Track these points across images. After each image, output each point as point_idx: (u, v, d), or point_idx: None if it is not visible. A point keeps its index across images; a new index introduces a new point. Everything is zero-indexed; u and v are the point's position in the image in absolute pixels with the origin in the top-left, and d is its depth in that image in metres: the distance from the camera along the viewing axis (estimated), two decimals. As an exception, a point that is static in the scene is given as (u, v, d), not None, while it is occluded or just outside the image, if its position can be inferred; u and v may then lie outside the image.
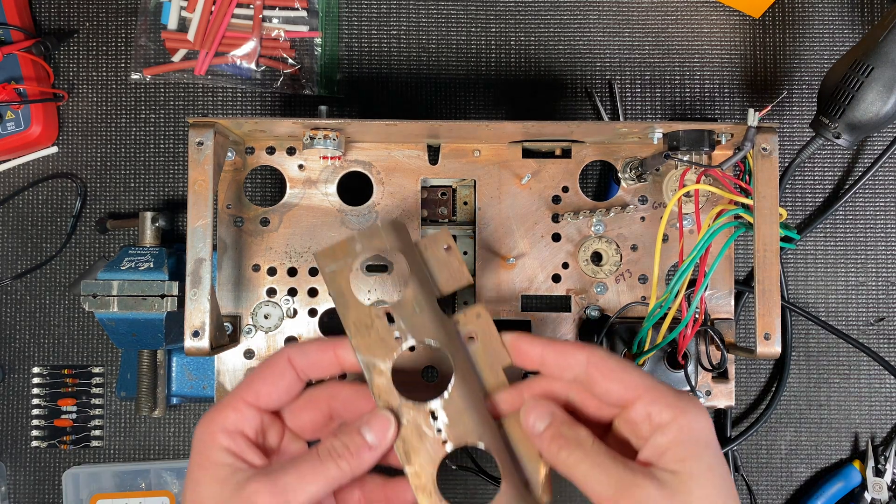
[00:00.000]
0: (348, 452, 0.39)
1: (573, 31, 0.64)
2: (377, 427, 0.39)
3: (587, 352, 0.39)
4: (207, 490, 0.38)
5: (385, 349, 0.40)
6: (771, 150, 0.49)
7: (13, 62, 0.61)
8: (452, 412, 0.40)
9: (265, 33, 0.63)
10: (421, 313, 0.41)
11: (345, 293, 0.41)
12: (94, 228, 0.64)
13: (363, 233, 0.42)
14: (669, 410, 0.37)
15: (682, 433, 0.36)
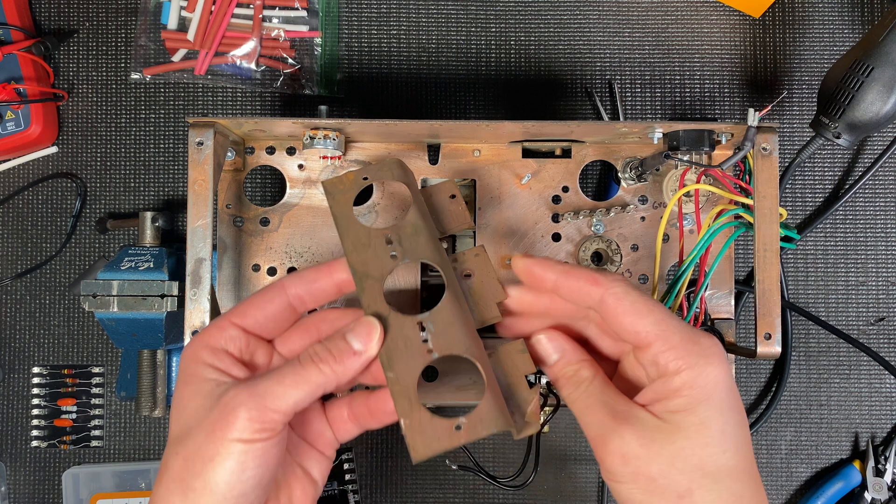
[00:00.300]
0: (331, 356, 0.38)
1: (573, 31, 0.64)
2: (362, 332, 0.39)
3: (603, 288, 0.37)
4: (190, 404, 0.37)
5: (380, 265, 0.41)
6: (771, 149, 0.49)
7: (13, 62, 0.61)
8: (440, 324, 0.39)
9: (265, 33, 0.62)
10: (418, 236, 0.41)
11: (347, 214, 0.42)
12: (94, 228, 0.64)
13: (371, 166, 0.43)
14: (678, 361, 0.36)
15: (684, 386, 0.36)
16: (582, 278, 0.38)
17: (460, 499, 0.64)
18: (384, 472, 0.64)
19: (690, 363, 0.36)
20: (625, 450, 0.36)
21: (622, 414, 0.37)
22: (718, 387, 0.36)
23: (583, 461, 0.63)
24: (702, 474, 0.36)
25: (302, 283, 0.40)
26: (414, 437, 0.39)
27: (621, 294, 0.37)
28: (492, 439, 0.64)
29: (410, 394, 0.39)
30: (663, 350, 0.36)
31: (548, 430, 0.55)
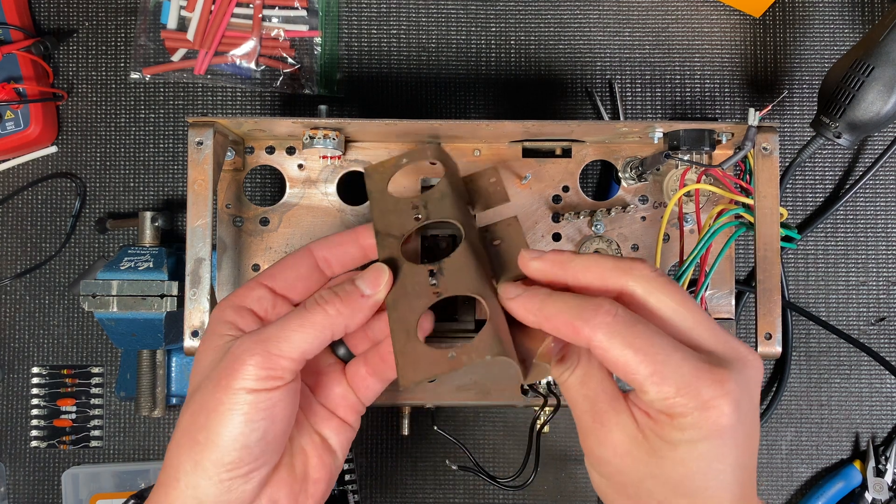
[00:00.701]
0: (337, 299, 0.37)
1: (573, 31, 0.64)
2: (370, 276, 0.38)
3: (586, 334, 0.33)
4: (205, 360, 0.38)
5: (401, 224, 0.42)
6: (771, 149, 0.49)
7: (13, 62, 0.61)
8: (451, 270, 0.39)
9: (265, 33, 0.62)
10: (443, 199, 0.42)
11: (381, 189, 0.45)
12: (93, 228, 0.64)
13: (412, 150, 0.46)
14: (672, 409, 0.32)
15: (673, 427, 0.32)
16: (561, 324, 0.34)
17: (460, 499, 0.64)
18: (384, 473, 0.64)
19: (685, 412, 0.32)
20: (599, 452, 0.35)
21: (602, 416, 0.35)
22: (710, 437, 0.32)
23: (583, 461, 0.63)
24: (675, 496, 0.33)
25: (329, 246, 0.41)
26: (405, 363, 0.37)
27: (605, 344, 0.33)
28: (492, 439, 0.63)
29: (409, 329, 0.37)
30: (657, 399, 0.32)
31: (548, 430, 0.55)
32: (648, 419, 0.34)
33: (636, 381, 0.33)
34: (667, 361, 0.32)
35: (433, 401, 0.55)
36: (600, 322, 0.33)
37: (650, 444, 0.33)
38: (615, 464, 0.34)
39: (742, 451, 0.33)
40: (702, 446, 0.32)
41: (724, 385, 0.32)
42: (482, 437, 0.64)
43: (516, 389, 0.54)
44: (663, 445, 0.33)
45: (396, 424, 0.58)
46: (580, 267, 0.36)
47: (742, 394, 0.33)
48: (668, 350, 0.32)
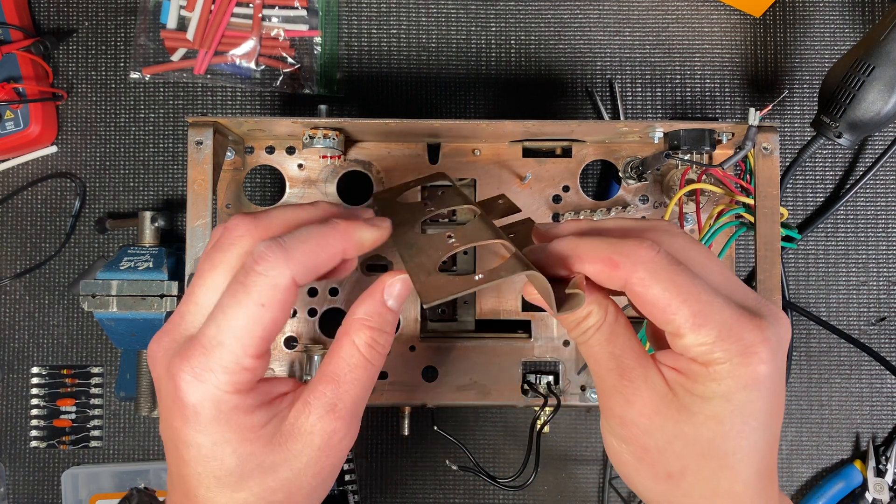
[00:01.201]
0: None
1: (573, 31, 0.64)
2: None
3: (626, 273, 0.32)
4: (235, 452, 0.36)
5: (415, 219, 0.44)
6: (772, 149, 0.49)
7: (12, 61, 0.61)
8: (468, 231, 0.39)
9: (265, 32, 0.62)
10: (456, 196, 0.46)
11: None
12: (93, 228, 0.64)
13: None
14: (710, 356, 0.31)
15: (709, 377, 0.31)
16: (598, 260, 0.33)
17: (460, 499, 0.64)
18: (384, 473, 0.64)
19: (723, 358, 0.31)
20: (623, 412, 0.33)
21: (630, 373, 0.33)
22: (748, 388, 0.31)
23: (583, 462, 0.63)
24: (702, 460, 0.32)
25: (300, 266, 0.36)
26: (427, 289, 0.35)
27: (647, 280, 0.31)
28: (492, 439, 0.63)
29: (430, 269, 0.36)
30: (694, 344, 0.31)
31: (548, 430, 0.55)
32: (679, 375, 0.33)
33: (675, 323, 0.31)
34: (710, 303, 0.31)
35: (433, 401, 0.54)
36: (643, 257, 0.32)
37: (681, 401, 0.32)
38: (642, 424, 0.33)
39: (774, 410, 0.32)
40: (738, 398, 0.31)
41: (765, 332, 0.31)
42: (482, 437, 0.64)
43: (517, 390, 0.54)
44: (695, 401, 0.32)
45: (396, 424, 0.58)
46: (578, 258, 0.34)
47: (778, 346, 0.32)
48: (710, 293, 0.31)
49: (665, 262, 0.32)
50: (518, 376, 0.54)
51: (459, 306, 0.57)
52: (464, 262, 0.57)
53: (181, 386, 0.33)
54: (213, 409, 0.33)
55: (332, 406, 0.35)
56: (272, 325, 0.34)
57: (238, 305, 0.33)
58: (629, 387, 0.33)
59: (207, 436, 0.34)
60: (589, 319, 0.34)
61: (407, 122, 0.49)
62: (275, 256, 0.33)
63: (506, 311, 0.56)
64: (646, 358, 0.34)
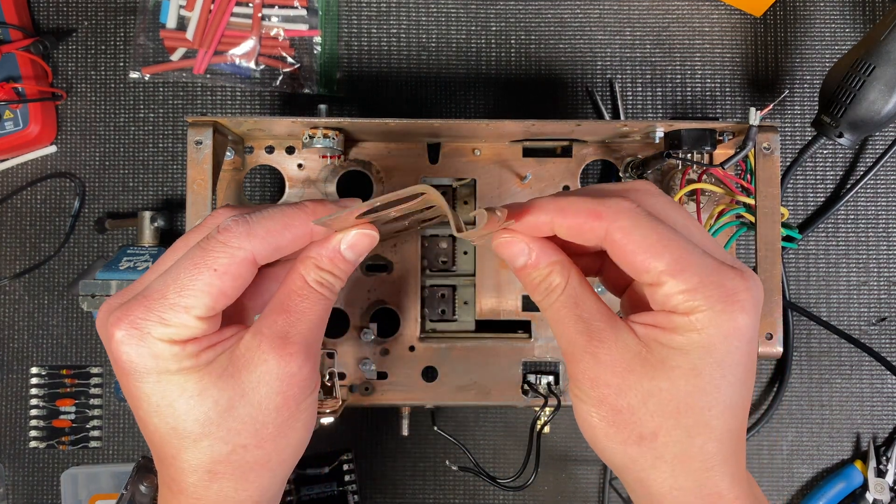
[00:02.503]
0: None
1: (573, 31, 0.64)
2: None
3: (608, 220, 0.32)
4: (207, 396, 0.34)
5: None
6: (772, 149, 0.49)
7: (12, 61, 0.61)
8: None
9: (264, 32, 0.62)
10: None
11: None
12: (92, 228, 0.64)
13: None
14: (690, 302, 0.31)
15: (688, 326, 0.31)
16: (580, 213, 0.33)
17: (460, 500, 0.64)
18: (384, 473, 0.64)
19: (704, 306, 0.31)
20: (595, 373, 0.32)
21: (598, 333, 0.32)
22: (729, 337, 0.31)
23: (584, 462, 0.63)
24: (675, 421, 0.32)
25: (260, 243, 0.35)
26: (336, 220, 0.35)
27: (629, 228, 0.31)
28: (492, 440, 0.63)
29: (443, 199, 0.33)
30: (675, 291, 0.31)
31: (548, 430, 0.55)
32: (655, 329, 0.32)
33: (655, 270, 0.31)
34: (691, 251, 0.31)
35: (433, 401, 0.54)
36: (624, 208, 0.32)
37: (656, 355, 0.32)
38: (613, 384, 0.32)
39: (749, 367, 0.32)
40: (718, 349, 0.31)
41: (746, 281, 0.31)
42: (482, 438, 0.63)
43: (517, 390, 0.54)
44: (673, 354, 0.31)
45: (396, 425, 0.58)
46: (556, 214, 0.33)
47: (758, 300, 0.32)
48: (689, 244, 0.31)
49: (646, 215, 0.32)
50: (518, 376, 0.54)
51: (459, 306, 0.57)
52: (464, 261, 0.57)
53: (116, 337, 0.33)
54: (151, 358, 0.33)
55: (283, 334, 0.34)
56: (220, 292, 0.33)
57: (192, 266, 0.33)
58: (599, 346, 0.32)
59: (151, 384, 0.33)
60: (552, 278, 0.34)
61: (407, 121, 0.49)
62: (238, 229, 0.33)
63: (506, 311, 0.56)
64: (614, 318, 0.33)
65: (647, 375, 0.32)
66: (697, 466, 0.32)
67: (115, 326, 0.33)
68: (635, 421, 0.32)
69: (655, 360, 0.32)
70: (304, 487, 0.62)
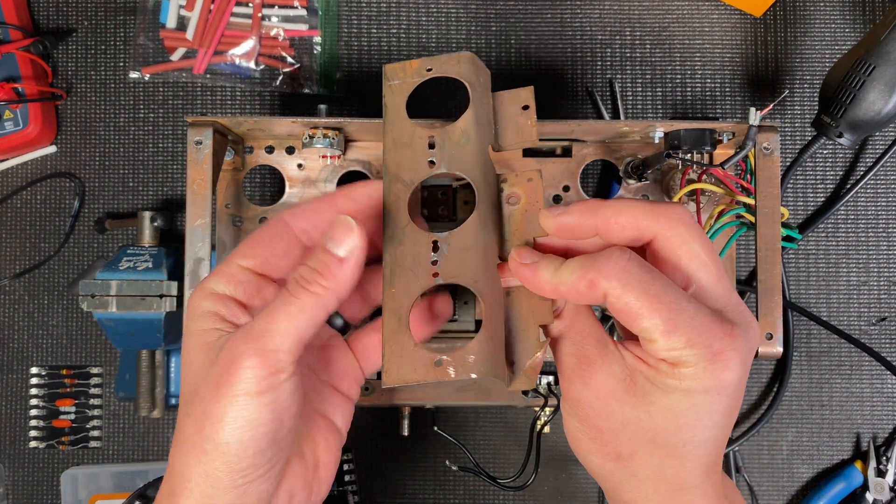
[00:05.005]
0: (317, 274, 0.34)
1: (573, 31, 0.64)
2: (339, 235, 0.34)
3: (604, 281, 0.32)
4: (196, 359, 0.35)
5: (414, 169, 0.37)
6: (772, 149, 0.49)
7: (11, 61, 0.61)
8: (456, 248, 0.35)
9: (264, 32, 0.62)
10: (465, 146, 0.37)
11: (398, 108, 0.38)
12: (92, 228, 0.64)
13: (442, 58, 0.39)
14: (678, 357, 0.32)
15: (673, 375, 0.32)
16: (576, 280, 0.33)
17: (460, 500, 0.64)
18: (384, 473, 0.64)
19: (691, 362, 0.32)
20: (581, 395, 0.34)
21: (589, 357, 0.34)
22: (710, 392, 0.32)
23: (583, 462, 0.63)
24: (650, 448, 0.33)
25: (305, 216, 0.37)
26: (391, 360, 0.35)
27: (620, 291, 0.32)
28: (492, 440, 0.63)
29: (402, 314, 0.35)
30: (666, 349, 0.32)
31: (548, 430, 0.55)
32: (643, 364, 0.33)
33: (647, 330, 0.32)
34: (682, 310, 0.32)
35: (433, 401, 0.54)
36: (615, 268, 0.32)
37: (639, 388, 0.33)
38: (596, 406, 0.33)
39: (730, 412, 0.33)
40: (697, 398, 0.32)
41: (735, 339, 0.32)
42: (482, 438, 0.63)
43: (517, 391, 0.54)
44: (654, 390, 0.33)
45: (396, 425, 0.58)
46: (612, 211, 0.34)
47: (747, 354, 0.33)
48: (681, 300, 0.32)
49: (637, 271, 0.32)
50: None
51: (459, 307, 0.57)
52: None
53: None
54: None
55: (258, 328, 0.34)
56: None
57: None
58: (587, 370, 0.34)
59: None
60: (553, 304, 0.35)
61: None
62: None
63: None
64: (606, 344, 0.34)
65: (628, 404, 0.33)
66: (668, 487, 0.34)
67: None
68: (615, 441, 0.34)
69: (638, 391, 0.33)
70: (304, 487, 0.62)
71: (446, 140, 0.37)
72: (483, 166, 0.37)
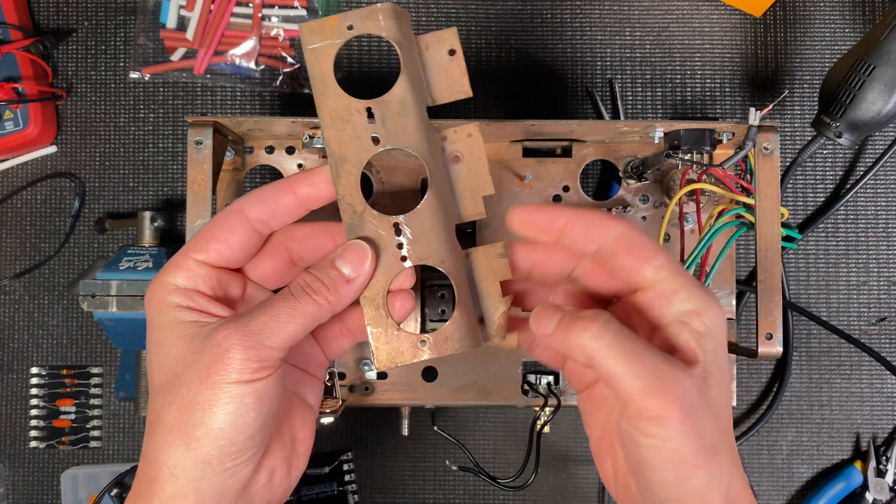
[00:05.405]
0: (324, 287, 0.36)
1: (573, 31, 0.64)
2: (353, 258, 0.36)
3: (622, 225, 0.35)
4: (173, 349, 0.35)
5: (359, 148, 0.37)
6: (772, 149, 0.48)
7: (12, 61, 0.61)
8: (418, 229, 0.37)
9: (264, 32, 0.62)
10: (405, 117, 0.37)
11: (325, 76, 0.37)
12: (92, 228, 0.64)
13: (359, 11, 0.37)
14: (696, 301, 0.34)
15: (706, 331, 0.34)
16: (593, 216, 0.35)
17: (460, 500, 0.64)
18: (384, 473, 0.64)
19: (708, 304, 0.34)
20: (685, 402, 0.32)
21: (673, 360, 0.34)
22: (724, 332, 0.35)
23: (583, 462, 0.63)
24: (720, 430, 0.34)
25: (261, 204, 0.37)
26: (379, 346, 0.37)
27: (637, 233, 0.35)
28: (492, 439, 0.63)
29: (379, 302, 0.37)
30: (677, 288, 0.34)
31: (548, 430, 0.55)
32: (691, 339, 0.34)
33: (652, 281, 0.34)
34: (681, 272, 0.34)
35: (433, 401, 0.54)
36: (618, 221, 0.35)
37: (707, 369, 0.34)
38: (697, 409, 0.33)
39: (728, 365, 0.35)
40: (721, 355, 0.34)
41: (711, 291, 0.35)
42: (482, 438, 0.64)
43: (517, 390, 0.54)
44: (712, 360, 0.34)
45: (396, 424, 0.58)
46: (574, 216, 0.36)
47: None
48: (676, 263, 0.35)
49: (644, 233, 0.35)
50: (518, 376, 0.54)
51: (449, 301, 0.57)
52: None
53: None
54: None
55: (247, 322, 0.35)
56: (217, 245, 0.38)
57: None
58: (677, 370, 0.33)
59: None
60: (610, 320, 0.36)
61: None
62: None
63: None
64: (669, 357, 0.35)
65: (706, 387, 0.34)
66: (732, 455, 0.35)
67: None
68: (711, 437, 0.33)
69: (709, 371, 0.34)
70: (304, 487, 0.62)
71: (386, 112, 0.37)
72: (426, 136, 0.38)
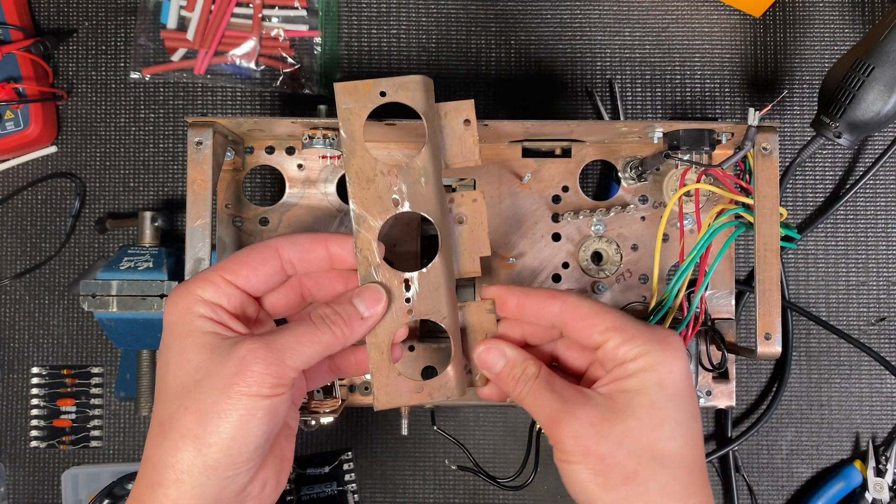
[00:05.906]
0: (341, 320, 0.40)
1: (573, 31, 0.64)
2: (369, 299, 0.41)
3: (560, 300, 0.41)
4: (195, 357, 0.37)
5: (380, 208, 0.41)
6: (771, 149, 0.49)
7: (12, 61, 0.61)
8: (426, 287, 0.41)
9: (265, 32, 0.62)
10: (426, 185, 0.41)
11: (356, 135, 0.41)
12: (93, 228, 0.64)
13: (393, 80, 0.42)
14: (635, 349, 0.38)
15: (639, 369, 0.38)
16: (542, 293, 0.42)
17: (460, 499, 0.64)
18: (384, 473, 0.64)
19: (647, 350, 0.38)
20: (575, 428, 0.38)
21: (572, 398, 0.39)
22: (673, 374, 0.38)
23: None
24: (649, 457, 0.37)
25: (296, 249, 0.41)
26: (379, 388, 0.41)
27: (578, 301, 0.40)
28: (492, 439, 0.63)
29: (384, 348, 0.41)
30: (621, 342, 0.39)
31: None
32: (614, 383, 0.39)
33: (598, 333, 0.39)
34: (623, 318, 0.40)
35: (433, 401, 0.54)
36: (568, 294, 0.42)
37: (620, 403, 0.38)
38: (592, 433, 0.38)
39: (696, 404, 0.39)
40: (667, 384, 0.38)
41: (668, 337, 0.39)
42: (482, 437, 0.64)
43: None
44: (633, 396, 0.38)
45: (396, 424, 0.58)
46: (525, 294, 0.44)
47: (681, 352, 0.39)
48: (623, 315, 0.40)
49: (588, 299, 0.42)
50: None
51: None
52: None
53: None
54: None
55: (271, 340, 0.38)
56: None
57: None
58: (574, 406, 0.38)
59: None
60: (529, 370, 0.41)
61: (407, 122, 0.49)
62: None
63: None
64: (581, 388, 0.40)
65: (617, 420, 0.38)
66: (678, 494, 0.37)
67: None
68: (617, 464, 0.37)
69: (621, 406, 0.38)
70: (304, 487, 0.62)
71: (407, 178, 0.41)
72: (440, 201, 0.42)
